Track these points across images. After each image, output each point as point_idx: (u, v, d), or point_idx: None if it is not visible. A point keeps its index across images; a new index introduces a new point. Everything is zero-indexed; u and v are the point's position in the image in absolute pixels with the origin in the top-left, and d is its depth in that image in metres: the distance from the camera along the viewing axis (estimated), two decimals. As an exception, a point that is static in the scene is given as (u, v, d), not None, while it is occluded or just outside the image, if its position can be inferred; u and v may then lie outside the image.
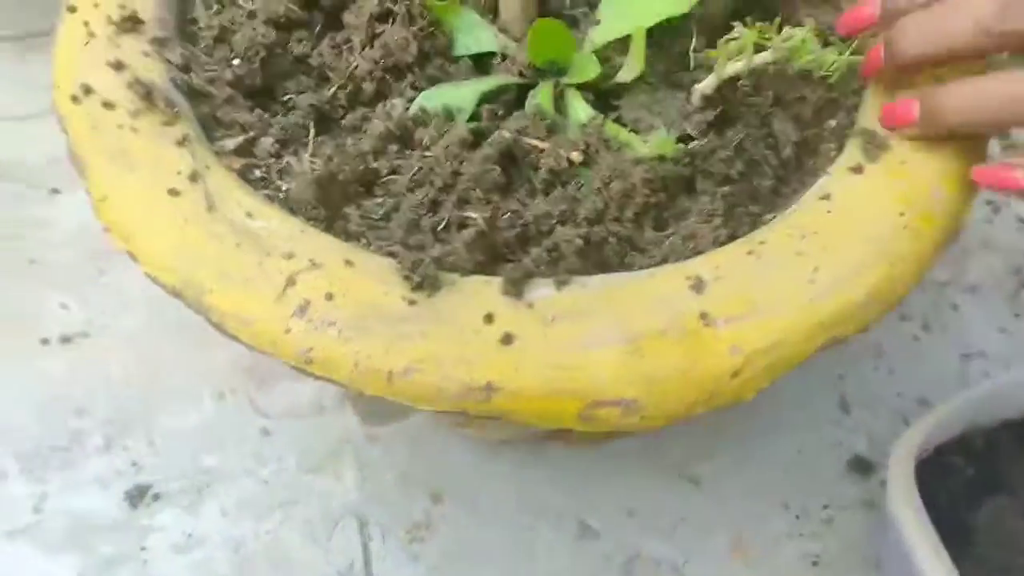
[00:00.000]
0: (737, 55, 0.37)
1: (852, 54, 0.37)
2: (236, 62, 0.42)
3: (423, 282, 0.33)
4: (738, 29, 0.37)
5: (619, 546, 0.57)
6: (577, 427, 0.32)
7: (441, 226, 0.37)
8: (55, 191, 0.71)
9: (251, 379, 0.63)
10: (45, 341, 0.64)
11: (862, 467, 0.60)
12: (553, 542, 0.57)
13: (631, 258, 0.38)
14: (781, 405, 0.62)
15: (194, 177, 0.36)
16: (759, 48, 0.37)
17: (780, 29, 0.37)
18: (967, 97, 0.36)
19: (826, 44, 0.38)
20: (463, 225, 0.38)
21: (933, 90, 0.38)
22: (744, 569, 0.56)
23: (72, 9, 0.42)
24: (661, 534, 0.57)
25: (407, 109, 0.42)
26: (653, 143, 0.37)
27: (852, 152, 0.39)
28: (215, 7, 0.45)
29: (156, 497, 0.58)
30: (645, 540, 0.57)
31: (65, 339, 0.65)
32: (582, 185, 0.39)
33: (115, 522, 0.56)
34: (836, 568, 0.55)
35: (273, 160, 0.40)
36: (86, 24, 0.41)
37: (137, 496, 0.58)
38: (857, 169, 0.38)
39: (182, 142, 0.38)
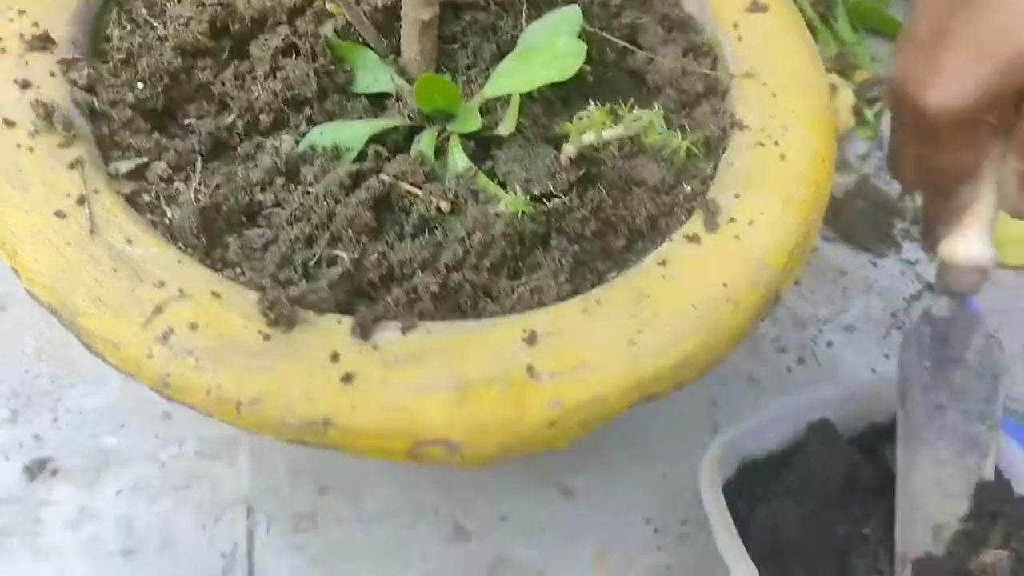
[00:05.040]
0: (589, 129, 0.41)
1: (695, 139, 0.41)
2: (140, 86, 0.45)
3: (279, 319, 0.37)
4: (591, 107, 0.40)
5: (488, 549, 0.61)
6: (404, 462, 0.36)
7: (312, 261, 0.41)
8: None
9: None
10: (-38, 311, 0.67)
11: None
12: (428, 542, 0.61)
13: (484, 304, 0.41)
14: (655, 429, 0.66)
15: (81, 200, 0.39)
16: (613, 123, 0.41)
17: (632, 109, 0.40)
18: None
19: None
20: (332, 262, 0.41)
21: None
22: (603, 577, 0.60)
23: (-14, 23, 0.44)
24: (529, 540, 0.62)
25: (297, 143, 0.45)
26: (508, 202, 0.41)
27: (695, 221, 0.43)
28: (128, 27, 0.48)
29: (54, 472, 0.61)
30: (513, 545, 0.61)
31: (-18, 310, 0.67)
32: (448, 233, 0.43)
33: (10, 494, 0.59)
34: (684, 578, 0.60)
35: (163, 185, 0.43)
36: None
37: (36, 470, 0.61)
38: (695, 238, 0.42)
39: (75, 164, 0.40)
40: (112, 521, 0.60)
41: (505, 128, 0.44)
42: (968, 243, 0.48)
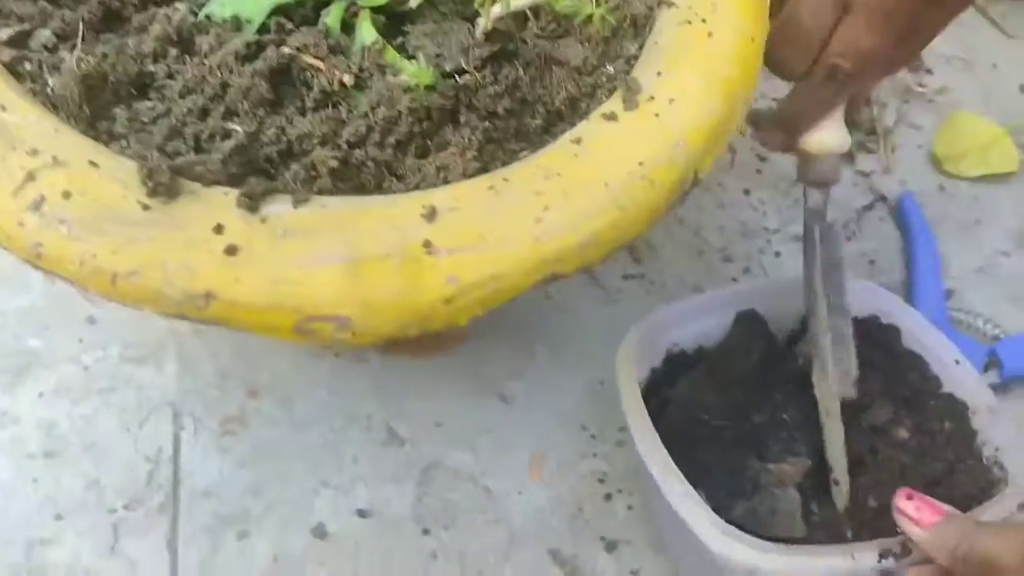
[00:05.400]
0: (495, -5, 0.38)
1: (614, 10, 0.39)
2: (25, -50, 0.42)
3: (158, 188, 0.35)
4: (497, -32, 0.38)
5: (422, 454, 0.60)
6: (293, 339, 0.34)
7: (205, 135, 0.39)
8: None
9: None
10: None
11: (662, 395, 0.63)
12: (360, 447, 0.60)
13: (388, 183, 0.39)
14: (595, 338, 0.65)
15: (-48, 65, 0.37)
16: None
17: (543, -27, 0.38)
18: None
19: None
20: (227, 136, 0.39)
21: None
22: (538, 482, 0.60)
23: None
24: (465, 446, 0.61)
25: (194, 14, 0.42)
26: (411, 72, 0.38)
27: (614, 99, 0.41)
28: None
29: (-26, 374, 0.59)
30: (448, 450, 0.60)
31: (-101, 212, 0.64)
32: (352, 109, 0.40)
33: (-71, 395, 0.58)
34: (617, 484, 0.59)
35: (47, 54, 0.40)
36: None
37: (-45, 373, 0.59)
38: (612, 116, 0.40)
39: (-53, 28, 0.38)
40: (34, 423, 0.59)
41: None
42: (827, 133, 0.51)
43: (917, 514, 0.42)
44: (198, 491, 0.57)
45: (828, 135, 0.51)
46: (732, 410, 0.52)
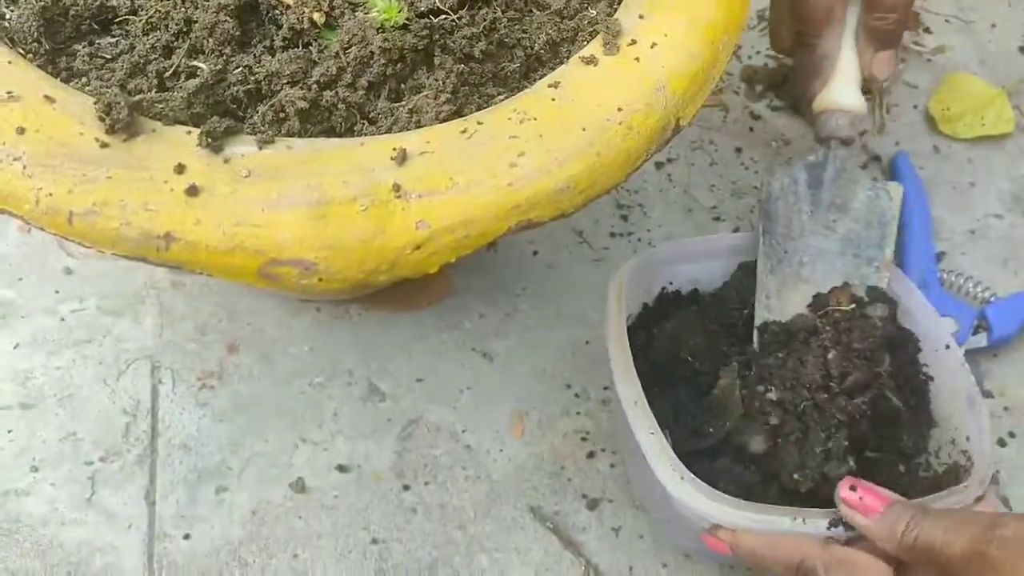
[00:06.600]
0: (471, -71, 0.37)
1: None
2: None
3: (116, 125, 0.33)
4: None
5: (403, 410, 0.59)
6: (257, 284, 0.33)
7: (169, 73, 0.37)
8: None
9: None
10: None
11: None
12: (341, 402, 0.59)
13: (360, 126, 0.38)
14: (581, 296, 0.64)
15: (-97, -4, 0.35)
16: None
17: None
18: (755, 548, 0.43)
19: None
20: (192, 75, 0.37)
21: (736, 535, 0.44)
22: (519, 439, 0.59)
23: None
24: (446, 403, 0.60)
25: (159, -50, 0.40)
26: (380, 8, 0.37)
27: (595, 43, 0.40)
28: None
29: (-53, 324, 0.59)
30: (429, 406, 0.60)
31: None
32: (323, 49, 0.39)
33: (-101, 343, 0.57)
34: (600, 442, 0.59)
35: (6, -12, 0.39)
36: None
37: (-73, 322, 0.58)
38: (591, 60, 0.39)
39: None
40: (9, 374, 0.58)
41: (390, -65, 0.40)
42: (832, 91, 0.55)
43: (861, 503, 0.42)
44: (176, 444, 0.57)
45: (834, 92, 0.54)
46: (717, 359, 0.52)
